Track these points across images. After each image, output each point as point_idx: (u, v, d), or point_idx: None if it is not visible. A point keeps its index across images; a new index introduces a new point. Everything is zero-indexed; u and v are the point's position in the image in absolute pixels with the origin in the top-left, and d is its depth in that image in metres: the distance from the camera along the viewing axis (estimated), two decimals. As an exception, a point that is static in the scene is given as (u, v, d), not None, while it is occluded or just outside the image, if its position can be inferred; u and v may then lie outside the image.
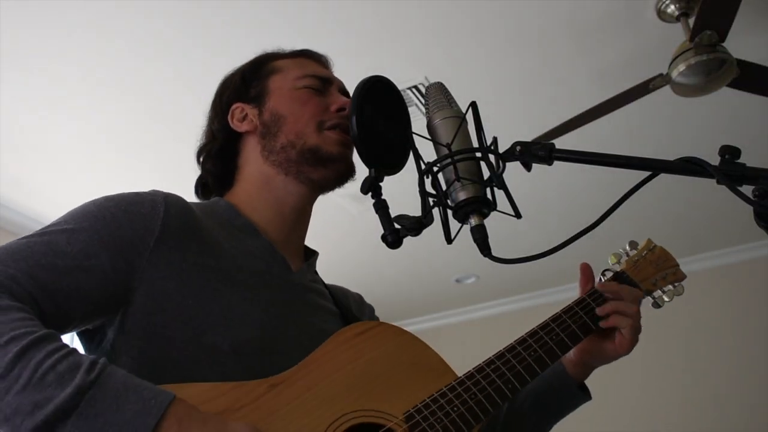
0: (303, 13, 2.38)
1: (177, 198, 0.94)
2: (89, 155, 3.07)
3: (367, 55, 2.59)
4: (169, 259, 0.87)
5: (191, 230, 0.91)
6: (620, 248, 1.24)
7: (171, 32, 2.42)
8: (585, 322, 1.06)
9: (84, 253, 0.81)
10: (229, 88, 1.12)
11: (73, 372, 0.68)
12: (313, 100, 1.06)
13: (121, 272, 0.83)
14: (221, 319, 0.87)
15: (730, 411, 4.09)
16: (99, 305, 0.83)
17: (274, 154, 1.04)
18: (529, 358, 0.98)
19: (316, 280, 1.10)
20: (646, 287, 1.17)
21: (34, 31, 2.35)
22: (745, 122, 3.10)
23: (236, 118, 1.08)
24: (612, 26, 2.53)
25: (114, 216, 0.86)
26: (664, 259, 1.22)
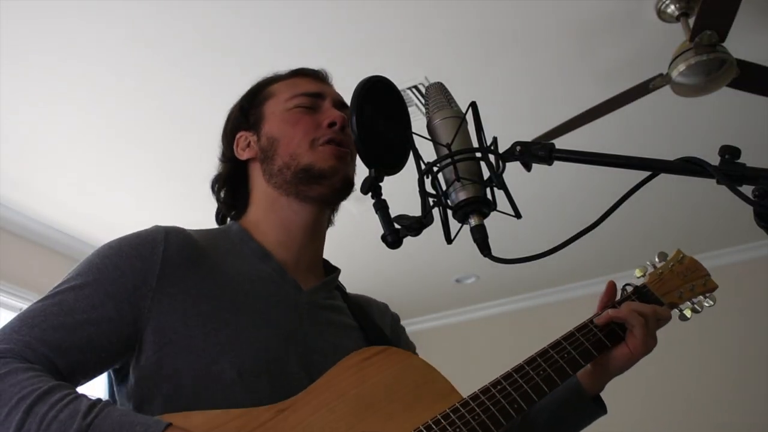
0: (303, 13, 2.38)
1: (178, 231, 0.98)
2: (90, 155, 3.07)
3: (367, 55, 2.59)
4: (172, 294, 0.92)
5: (193, 263, 0.96)
6: (647, 261, 1.20)
7: (173, 31, 2.42)
8: (599, 339, 1.04)
9: (91, 306, 0.88)
10: (231, 119, 1.17)
11: (72, 419, 0.75)
12: (303, 119, 1.08)
13: (128, 317, 0.90)
14: (228, 347, 0.90)
15: (730, 411, 4.09)
16: (112, 352, 0.89)
17: (273, 176, 1.07)
18: (537, 378, 0.97)
19: (333, 296, 1.11)
20: (670, 300, 1.14)
21: (35, 29, 2.35)
22: (745, 122, 3.10)
23: (240, 146, 1.13)
24: (612, 26, 2.53)
25: (116, 265, 0.92)
26: (693, 269, 1.19)
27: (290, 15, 2.38)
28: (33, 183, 3.25)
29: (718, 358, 4.25)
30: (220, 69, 2.59)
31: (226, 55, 2.53)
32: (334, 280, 1.13)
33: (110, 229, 3.64)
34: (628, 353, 1.05)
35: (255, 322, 0.94)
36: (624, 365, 1.07)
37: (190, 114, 2.83)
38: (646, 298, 1.12)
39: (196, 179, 2.33)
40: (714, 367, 4.25)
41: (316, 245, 1.12)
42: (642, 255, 4.57)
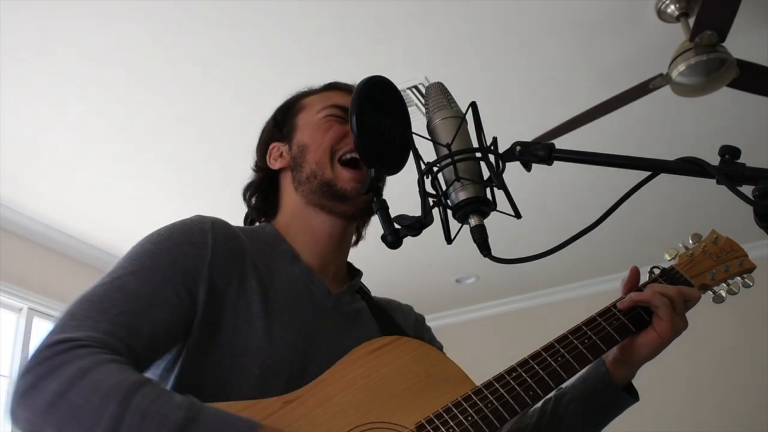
0: (303, 14, 2.38)
1: (223, 223, 0.99)
2: (90, 155, 3.07)
3: (367, 55, 2.59)
4: (218, 283, 0.93)
5: (237, 256, 0.97)
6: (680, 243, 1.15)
7: (174, 31, 2.42)
8: (623, 323, 1.00)
9: (153, 291, 0.88)
10: (265, 131, 1.19)
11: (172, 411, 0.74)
12: (334, 127, 1.09)
13: (185, 300, 0.90)
14: (256, 343, 0.92)
15: (730, 412, 4.09)
16: (175, 335, 0.90)
17: (302, 184, 1.09)
18: (556, 364, 0.94)
19: (356, 299, 1.12)
20: (701, 282, 1.09)
21: (36, 30, 2.35)
22: (745, 122, 3.10)
23: (273, 156, 1.15)
24: (612, 26, 2.53)
25: (170, 250, 0.92)
26: (728, 250, 1.12)
27: (290, 15, 2.38)
28: (33, 183, 3.25)
29: (718, 358, 4.25)
30: (224, 70, 2.59)
31: (229, 57, 2.53)
32: (357, 283, 1.15)
33: (110, 230, 3.66)
34: (656, 337, 1.01)
35: (284, 321, 0.96)
36: (653, 350, 1.02)
37: (191, 115, 2.83)
38: (674, 281, 1.08)
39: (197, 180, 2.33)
40: (714, 367, 4.25)
41: (343, 254, 1.14)
42: (642, 255, 4.60)
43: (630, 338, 1.02)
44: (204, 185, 3.19)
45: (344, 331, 1.04)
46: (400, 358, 0.95)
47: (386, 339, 0.98)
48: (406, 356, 0.95)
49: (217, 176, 3.12)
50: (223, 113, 2.79)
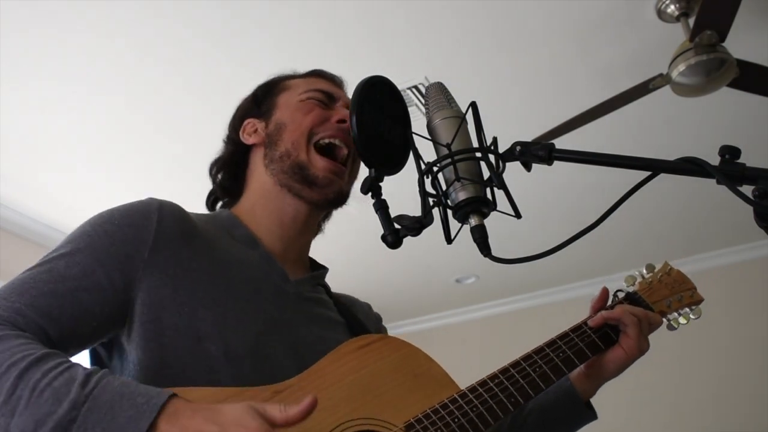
0: (303, 14, 2.38)
1: (172, 205, 0.97)
2: (91, 155, 3.07)
3: (367, 55, 2.59)
4: (164, 268, 0.90)
5: (186, 237, 0.94)
6: (636, 270, 1.24)
7: (174, 33, 2.42)
8: (593, 340, 1.06)
9: (82, 273, 0.85)
10: (242, 107, 1.17)
11: (68, 386, 0.71)
12: (315, 109, 1.08)
13: (119, 285, 0.87)
14: (216, 327, 0.89)
15: (730, 412, 4.09)
16: (104, 321, 0.86)
17: (273, 162, 1.07)
18: (534, 374, 0.98)
19: (318, 291, 1.11)
20: (660, 309, 1.17)
21: (35, 30, 2.35)
22: (745, 122, 3.10)
23: (246, 132, 1.13)
24: (612, 26, 2.53)
25: (107, 232, 0.90)
26: (681, 281, 1.22)
27: (290, 15, 2.38)
28: (33, 183, 3.25)
29: (718, 358, 4.25)
30: (222, 70, 2.59)
31: (227, 56, 2.53)
32: (321, 276, 1.13)
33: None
34: (623, 354, 1.06)
35: (242, 306, 0.93)
36: (618, 368, 1.08)
37: (192, 116, 2.83)
38: (637, 304, 1.14)
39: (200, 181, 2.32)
40: (714, 367, 4.25)
41: (305, 240, 1.11)
42: (642, 255, 4.58)
43: (598, 355, 1.07)
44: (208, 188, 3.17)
45: (306, 317, 1.02)
46: (388, 356, 0.96)
47: (374, 337, 0.99)
48: (394, 355, 0.97)
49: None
50: (225, 117, 2.78)
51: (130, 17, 2.33)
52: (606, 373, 1.09)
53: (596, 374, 1.09)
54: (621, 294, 1.19)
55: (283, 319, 0.97)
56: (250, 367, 0.88)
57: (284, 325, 0.97)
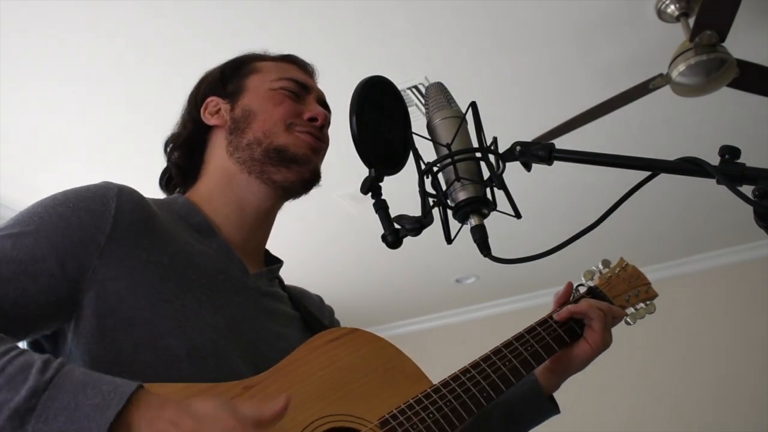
0: (303, 13, 2.38)
1: (131, 191, 0.90)
2: (91, 155, 3.07)
3: (367, 55, 2.59)
4: (121, 258, 0.83)
5: (146, 227, 0.88)
6: (593, 266, 1.28)
7: (174, 33, 2.42)
8: (559, 334, 1.08)
9: (30, 257, 0.78)
10: (206, 81, 1.12)
11: (24, 373, 0.66)
12: (286, 102, 1.06)
13: (72, 273, 0.80)
14: (175, 322, 0.84)
15: (730, 412, 4.09)
16: (48, 310, 0.80)
17: (239, 150, 1.03)
18: (504, 368, 0.99)
19: (274, 284, 1.08)
20: (620, 303, 1.20)
21: (35, 30, 2.35)
22: (745, 122, 3.10)
23: (208, 111, 1.08)
24: (612, 26, 2.53)
25: (62, 216, 0.82)
26: (636, 277, 1.26)
27: (290, 15, 2.38)
28: (33, 183, 3.25)
29: (718, 358, 4.25)
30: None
31: (227, 56, 2.53)
32: (277, 269, 1.09)
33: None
34: (588, 348, 1.07)
35: (201, 299, 0.88)
36: (584, 362, 1.09)
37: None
38: (599, 299, 1.16)
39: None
40: (714, 367, 4.25)
41: (264, 231, 1.08)
42: (642, 255, 4.56)
43: (563, 349, 1.08)
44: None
45: (266, 312, 0.99)
46: (359, 350, 0.95)
47: (343, 330, 0.97)
48: (364, 349, 0.96)
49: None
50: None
51: (130, 17, 2.33)
52: (572, 368, 1.10)
53: (562, 369, 1.11)
54: (582, 288, 1.22)
55: (243, 314, 0.94)
56: (213, 364, 0.84)
57: (245, 321, 0.93)
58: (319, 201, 1.13)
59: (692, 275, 4.48)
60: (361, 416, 0.87)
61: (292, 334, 0.98)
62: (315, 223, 3.60)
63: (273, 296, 1.04)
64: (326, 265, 4.22)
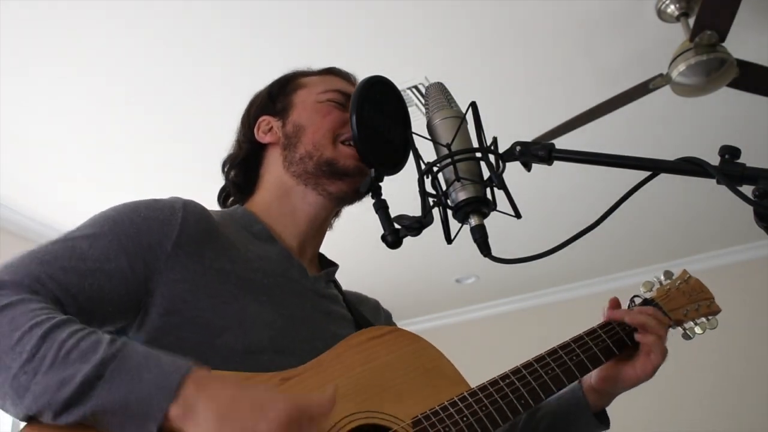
0: (303, 13, 2.38)
1: (196, 204, 0.96)
2: (91, 155, 3.07)
3: (367, 55, 2.59)
4: (186, 263, 0.89)
5: (209, 236, 0.94)
6: (653, 276, 1.22)
7: (174, 34, 2.42)
8: (608, 345, 1.03)
9: (105, 257, 0.85)
10: (256, 103, 1.15)
11: (96, 347, 0.71)
12: (334, 113, 1.07)
13: (140, 275, 0.87)
14: (235, 322, 0.89)
15: (731, 412, 4.09)
16: (119, 307, 0.86)
17: (294, 164, 1.06)
18: (546, 376, 0.96)
19: (331, 287, 1.11)
20: (676, 317, 1.15)
21: (38, 31, 2.35)
22: (745, 122, 3.10)
23: (261, 130, 1.11)
24: (612, 26, 2.53)
25: (132, 221, 0.89)
26: (699, 290, 1.20)
27: (290, 15, 2.38)
28: (33, 183, 3.25)
29: (718, 357, 4.25)
30: (224, 71, 2.59)
31: (228, 56, 2.53)
32: (333, 272, 1.13)
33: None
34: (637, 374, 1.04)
35: (261, 300, 0.93)
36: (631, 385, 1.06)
37: (193, 117, 2.83)
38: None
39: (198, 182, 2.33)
40: (715, 366, 4.25)
41: (318, 239, 1.12)
42: (642, 255, 4.56)
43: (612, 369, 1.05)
44: (213, 189, 3.17)
45: (323, 313, 1.02)
46: (399, 349, 0.95)
47: (385, 328, 0.98)
48: (405, 348, 0.95)
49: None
50: (226, 118, 2.78)
51: (137, 18, 2.33)
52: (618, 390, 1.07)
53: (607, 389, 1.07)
54: (638, 300, 1.16)
55: (302, 314, 0.98)
56: (269, 361, 0.88)
57: (303, 321, 0.97)
58: (319, 201, 1.14)
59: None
60: (395, 414, 0.87)
61: (346, 334, 1.00)
62: (315, 223, 3.60)
63: (330, 298, 1.07)
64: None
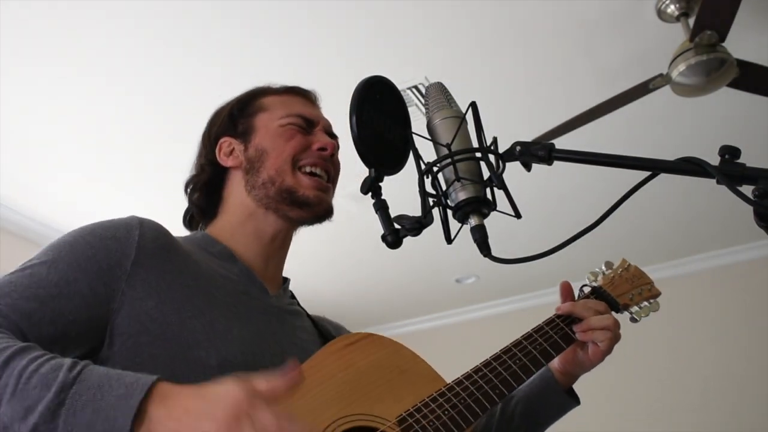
0: (303, 13, 2.38)
1: (153, 222, 0.98)
2: (91, 155, 3.07)
3: (367, 55, 2.59)
4: (147, 280, 0.90)
5: (168, 252, 0.95)
6: (596, 267, 1.33)
7: (174, 34, 2.42)
8: (566, 332, 1.13)
9: (64, 281, 0.85)
10: (217, 123, 1.17)
11: (55, 372, 0.70)
12: (296, 137, 1.10)
13: (102, 296, 0.87)
14: (204, 335, 0.90)
15: (731, 412, 4.09)
16: (83, 330, 0.86)
17: (256, 189, 1.09)
18: (515, 366, 1.04)
19: (294, 303, 1.14)
20: (623, 302, 1.25)
21: (38, 30, 2.35)
22: (745, 122, 3.10)
23: (223, 152, 1.13)
24: (612, 26, 2.53)
25: (89, 243, 0.90)
26: (639, 276, 1.30)
27: (290, 15, 2.38)
28: (33, 183, 3.25)
29: (718, 357, 4.25)
30: (225, 71, 2.59)
31: (227, 55, 2.53)
32: (287, 287, 1.16)
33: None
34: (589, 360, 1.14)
35: (228, 316, 0.94)
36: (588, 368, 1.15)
37: (193, 117, 2.83)
38: (603, 298, 1.22)
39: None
40: (715, 366, 4.25)
41: (281, 258, 1.14)
42: (642, 255, 4.56)
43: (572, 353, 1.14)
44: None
45: (289, 328, 1.05)
46: (375, 353, 0.98)
47: (359, 335, 1.01)
48: (380, 352, 0.99)
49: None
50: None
51: (137, 17, 2.33)
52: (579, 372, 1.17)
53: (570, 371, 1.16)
54: (587, 288, 1.26)
55: (269, 329, 1.00)
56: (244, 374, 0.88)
57: (271, 336, 0.99)
58: (319, 201, 1.15)
59: (692, 275, 4.48)
60: (379, 415, 0.91)
61: (314, 348, 1.02)
62: (315, 223, 3.59)
63: (295, 314, 1.10)
64: (326, 265, 4.22)
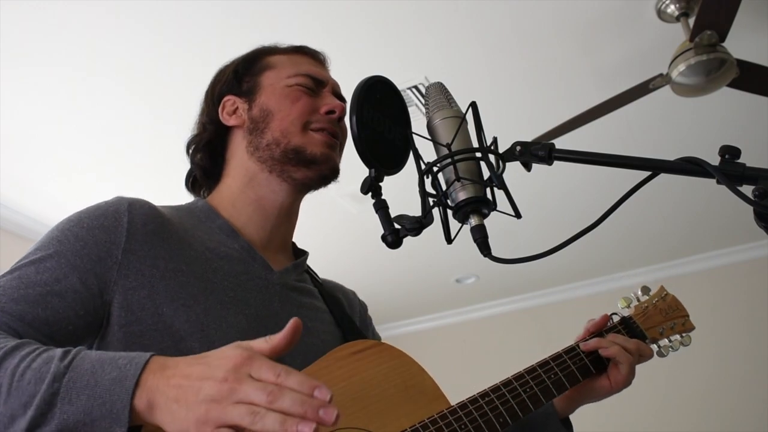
0: (303, 13, 2.38)
1: (142, 203, 0.94)
2: (91, 155, 3.07)
3: (367, 55, 2.59)
4: (139, 268, 0.87)
5: (159, 237, 0.91)
6: (631, 292, 1.24)
7: (175, 33, 2.42)
8: (585, 364, 1.07)
9: (54, 278, 0.83)
10: (221, 80, 1.13)
11: (48, 364, 0.69)
12: (303, 99, 1.06)
13: (94, 288, 0.85)
14: (198, 326, 0.87)
15: (730, 412, 4.09)
16: (79, 325, 0.84)
17: (259, 150, 1.04)
18: (524, 395, 0.98)
19: (303, 279, 1.09)
20: (653, 335, 1.18)
21: (37, 29, 2.35)
22: (745, 122, 3.10)
23: (226, 111, 1.09)
24: (612, 26, 2.53)
25: (77, 236, 0.87)
26: (675, 308, 1.23)
27: (290, 15, 2.38)
28: (33, 183, 3.25)
29: (718, 357, 4.25)
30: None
31: (227, 55, 2.53)
32: (303, 262, 1.10)
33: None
34: (608, 386, 1.08)
35: (224, 301, 0.91)
36: (603, 396, 1.09)
37: (194, 117, 2.83)
38: (631, 330, 1.16)
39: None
40: (715, 366, 4.25)
41: (288, 227, 1.09)
42: (642, 255, 4.55)
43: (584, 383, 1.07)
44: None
45: (293, 306, 1.00)
46: (381, 365, 0.95)
47: (368, 342, 0.98)
48: (387, 364, 0.96)
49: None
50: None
51: (135, 14, 2.33)
52: (589, 399, 1.11)
53: (580, 398, 1.11)
54: (616, 317, 1.19)
55: (268, 312, 0.96)
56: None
57: (270, 319, 0.95)
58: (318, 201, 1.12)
59: (692, 275, 4.48)
60: (375, 431, 0.88)
61: (320, 327, 0.98)
62: (315, 223, 3.60)
63: (301, 291, 1.05)
64: (326, 265, 4.21)
